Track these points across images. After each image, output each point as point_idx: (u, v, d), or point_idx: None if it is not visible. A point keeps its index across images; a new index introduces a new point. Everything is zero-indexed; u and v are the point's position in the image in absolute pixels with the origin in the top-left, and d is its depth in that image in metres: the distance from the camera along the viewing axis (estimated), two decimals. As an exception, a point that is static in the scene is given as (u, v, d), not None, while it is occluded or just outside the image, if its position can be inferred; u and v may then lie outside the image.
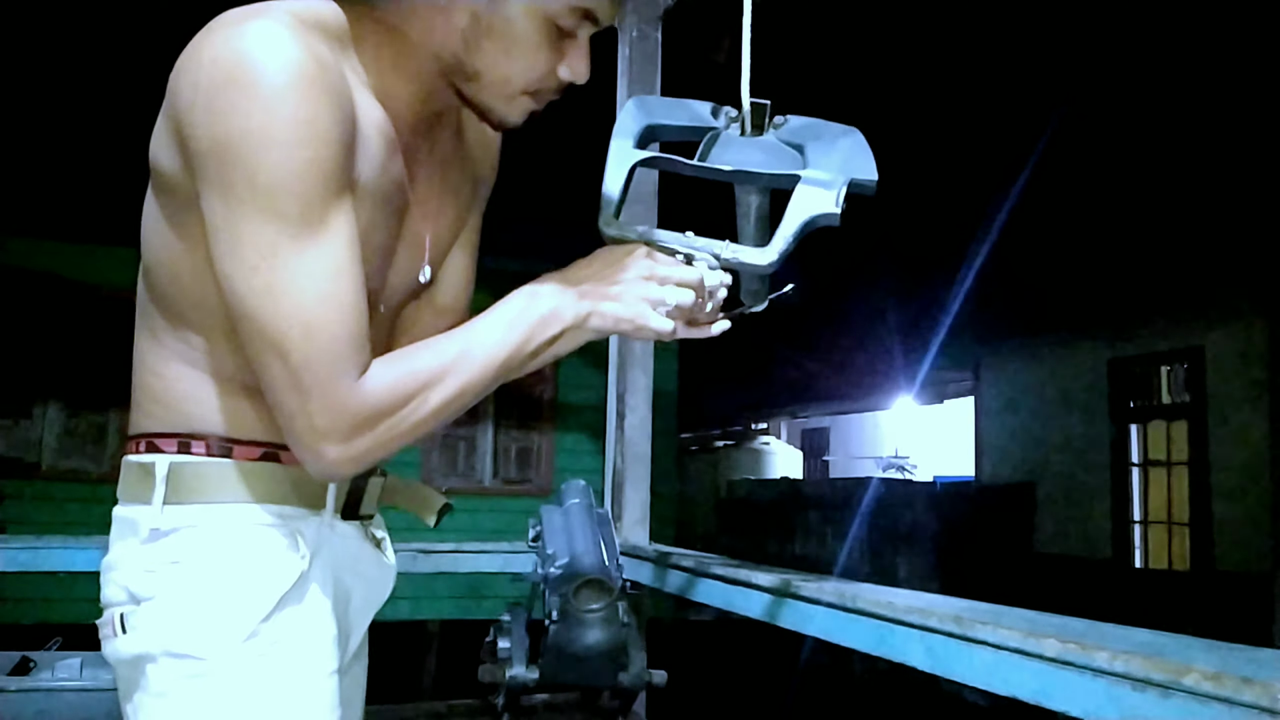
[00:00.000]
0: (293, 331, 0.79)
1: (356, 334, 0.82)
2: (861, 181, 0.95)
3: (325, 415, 0.81)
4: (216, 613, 0.87)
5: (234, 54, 0.77)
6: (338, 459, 0.83)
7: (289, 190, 0.78)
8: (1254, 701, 0.82)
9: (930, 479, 13.10)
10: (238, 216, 0.78)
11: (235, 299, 0.81)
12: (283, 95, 0.76)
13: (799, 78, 2.90)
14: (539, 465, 7.33)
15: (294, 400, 0.81)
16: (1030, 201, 5.92)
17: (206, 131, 0.78)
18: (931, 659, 1.22)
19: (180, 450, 0.90)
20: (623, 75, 2.35)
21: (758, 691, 7.21)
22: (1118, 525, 8.36)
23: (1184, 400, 7.97)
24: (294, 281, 0.79)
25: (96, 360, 5.96)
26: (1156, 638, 1.04)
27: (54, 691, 2.06)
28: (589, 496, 1.92)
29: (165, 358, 0.91)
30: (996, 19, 4.55)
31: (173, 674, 0.86)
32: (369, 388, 0.82)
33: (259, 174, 0.77)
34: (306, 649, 0.91)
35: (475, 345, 0.88)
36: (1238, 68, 4.76)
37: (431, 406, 0.85)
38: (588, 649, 1.64)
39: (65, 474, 6.29)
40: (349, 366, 0.81)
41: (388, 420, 0.83)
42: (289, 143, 0.77)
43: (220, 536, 0.89)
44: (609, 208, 0.98)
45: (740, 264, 0.95)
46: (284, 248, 0.78)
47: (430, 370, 0.86)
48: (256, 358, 0.82)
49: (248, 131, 0.76)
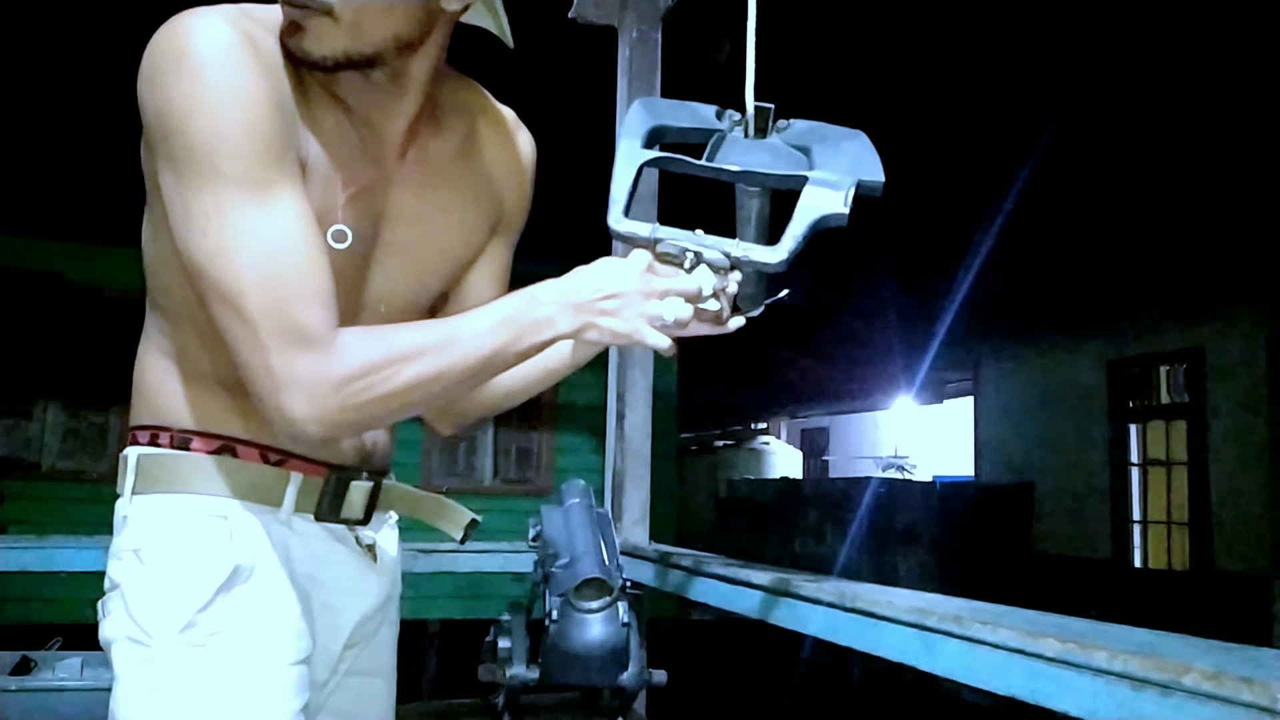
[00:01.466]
0: (246, 287, 0.81)
1: (315, 290, 0.83)
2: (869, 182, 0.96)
3: (286, 369, 0.81)
4: (159, 600, 0.89)
5: (169, 36, 0.82)
6: (302, 416, 0.82)
7: (223, 151, 0.81)
8: (1253, 701, 0.83)
9: (930, 479, 13.10)
10: (184, 184, 0.82)
11: (193, 266, 0.83)
12: (209, 64, 0.80)
13: (800, 78, 2.90)
14: (539, 465, 7.32)
15: (256, 357, 0.82)
16: (1030, 201, 5.92)
17: (150, 110, 0.83)
18: (931, 658, 1.22)
19: (150, 442, 0.94)
20: (623, 76, 2.35)
21: (758, 691, 7.21)
22: (1117, 525, 8.36)
23: (1183, 400, 7.97)
24: (243, 238, 0.81)
25: (97, 360, 5.95)
26: (1156, 637, 1.04)
27: (54, 691, 2.06)
28: (589, 496, 1.92)
29: (147, 350, 0.96)
30: (998, 19, 4.55)
31: (129, 658, 0.90)
32: (336, 346, 0.83)
33: (193, 137, 0.81)
34: (254, 640, 0.91)
35: (462, 333, 0.88)
36: (1238, 69, 4.76)
37: (404, 379, 0.85)
38: (588, 648, 1.64)
39: (66, 474, 6.28)
40: (310, 321, 0.82)
41: (355, 384, 0.83)
42: (217, 105, 0.81)
43: (169, 526, 0.92)
44: (617, 205, 0.98)
45: (750, 262, 0.95)
46: (228, 206, 0.81)
47: (408, 345, 0.86)
48: (219, 321, 0.83)
49: (177, 100, 0.81)
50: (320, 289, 0.84)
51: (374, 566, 1.05)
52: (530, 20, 1.00)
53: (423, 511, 1.11)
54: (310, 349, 0.82)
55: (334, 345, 0.83)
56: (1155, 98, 5.12)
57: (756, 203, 1.01)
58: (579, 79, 0.96)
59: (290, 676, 0.93)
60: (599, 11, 2.36)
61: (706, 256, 0.95)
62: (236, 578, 0.91)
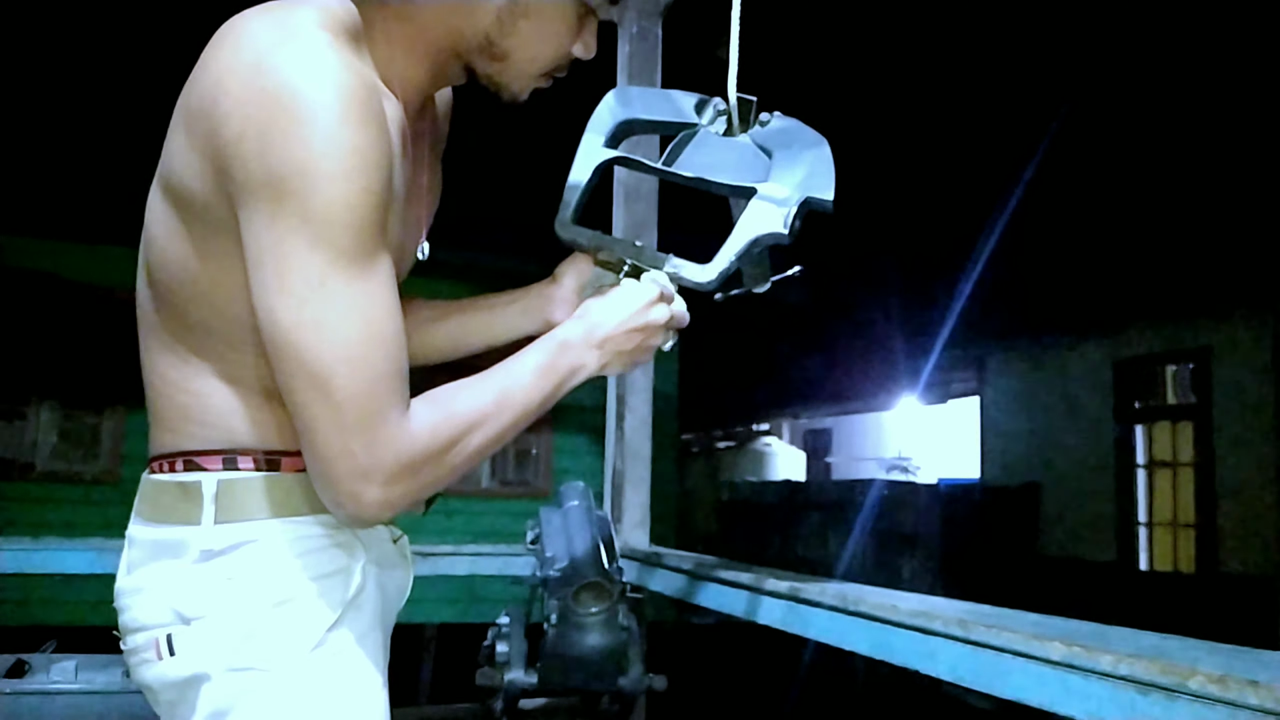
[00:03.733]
0: (339, 366, 0.77)
1: (400, 371, 0.81)
2: (817, 200, 0.95)
3: (370, 455, 0.79)
4: (282, 624, 0.86)
5: (284, 84, 0.76)
6: (376, 502, 0.80)
7: (344, 223, 0.77)
8: (1260, 705, 0.82)
9: (934, 480, 13.08)
10: (288, 248, 0.77)
11: (278, 331, 0.78)
12: (338, 127, 0.76)
13: (801, 77, 2.90)
14: (538, 466, 7.31)
15: (337, 440, 0.79)
16: (1035, 201, 5.91)
17: (259, 164, 0.76)
18: (935, 663, 1.21)
19: (226, 467, 0.88)
20: (623, 72, 2.34)
21: (759, 696, 7.19)
22: (1123, 527, 8.33)
23: (1190, 401, 7.94)
24: (343, 315, 0.78)
25: (91, 361, 5.96)
26: (1162, 641, 1.03)
27: (49, 694, 2.04)
28: (588, 498, 1.91)
29: (195, 374, 0.89)
30: (1002, 19, 4.53)
31: (233, 689, 0.85)
32: (414, 429, 0.81)
33: (315, 207, 0.76)
34: (364, 657, 0.91)
35: (513, 391, 0.89)
36: (1243, 68, 4.74)
37: (471, 450, 0.86)
38: (587, 653, 1.63)
39: (59, 475, 6.28)
40: (393, 405, 0.80)
41: (432, 464, 0.83)
42: (345, 175, 0.76)
43: (279, 549, 0.88)
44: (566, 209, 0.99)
45: (682, 280, 0.97)
46: (334, 280, 0.77)
47: (471, 414, 0.86)
48: (296, 395, 0.79)
49: (305, 162, 0.75)
50: (402, 367, 0.82)
51: (406, 562, 1.05)
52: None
53: None
54: (394, 436, 0.80)
55: (413, 428, 0.81)
56: (1161, 97, 5.11)
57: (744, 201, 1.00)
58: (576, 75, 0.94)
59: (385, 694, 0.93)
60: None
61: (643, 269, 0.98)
62: (359, 592, 0.91)
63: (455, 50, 0.91)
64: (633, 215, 2.16)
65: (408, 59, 0.90)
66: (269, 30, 0.79)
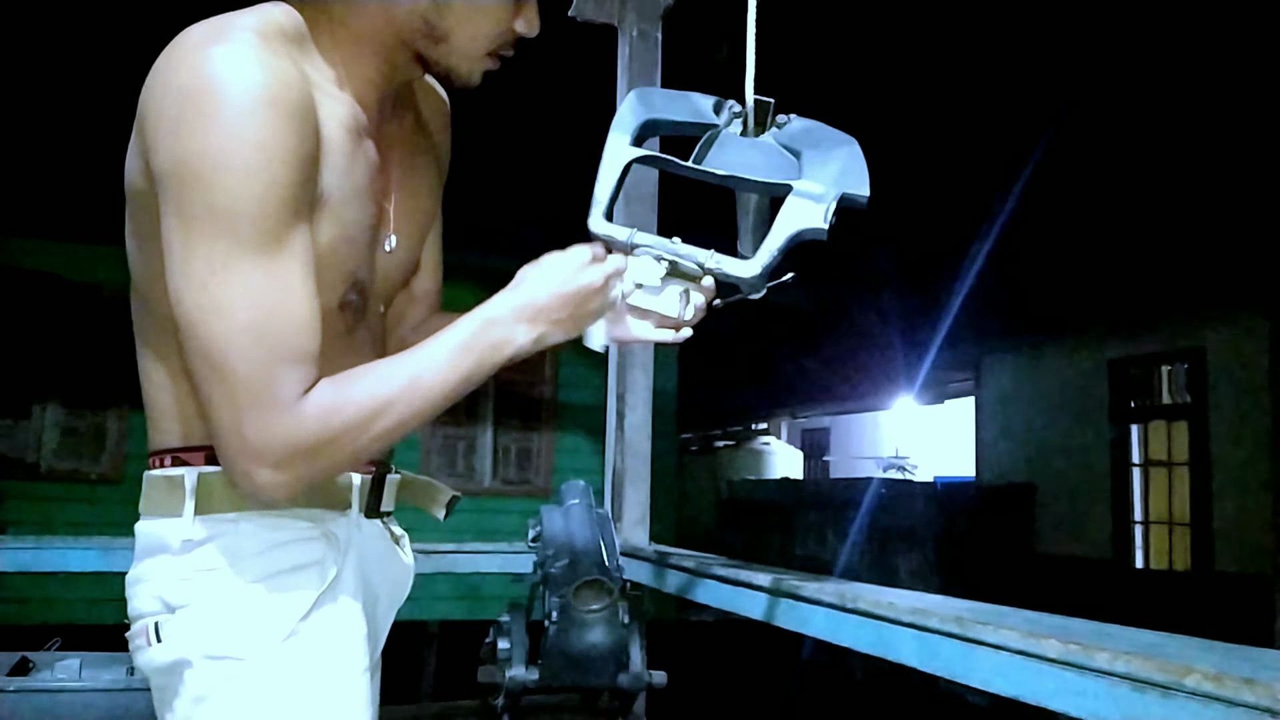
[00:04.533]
0: (233, 351, 0.79)
1: (301, 353, 0.82)
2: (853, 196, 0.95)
3: (260, 438, 0.80)
4: (255, 614, 0.88)
5: (198, 78, 0.78)
6: (268, 484, 0.82)
7: (245, 213, 0.78)
8: (1255, 702, 0.83)
9: (931, 479, 13.09)
10: (192, 235, 0.79)
11: (182, 313, 0.80)
12: (243, 119, 0.77)
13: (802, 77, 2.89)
14: (539, 465, 7.31)
15: (229, 420, 0.80)
16: (1031, 201, 5.91)
17: (168, 153, 0.79)
18: (932, 660, 1.21)
19: (208, 461, 0.90)
20: (623, 74, 2.34)
21: (758, 693, 7.20)
22: (1118, 526, 8.35)
23: (1185, 400, 7.96)
24: (240, 301, 0.79)
25: (95, 360, 5.95)
26: (1157, 638, 1.04)
27: (53, 692, 2.05)
28: (589, 497, 1.92)
29: (173, 373, 0.91)
30: (999, 19, 4.54)
31: (211, 677, 0.87)
32: (308, 414, 0.82)
33: (216, 196, 0.78)
34: (340, 647, 0.92)
35: (426, 373, 0.88)
36: (1238, 68, 4.75)
37: (373, 434, 0.85)
38: (588, 650, 1.64)
39: (64, 474, 6.28)
40: (288, 388, 0.81)
41: (328, 448, 0.83)
42: (247, 167, 0.78)
43: (254, 541, 0.90)
44: (598, 207, 0.98)
45: (724, 274, 0.96)
46: (234, 267, 0.79)
47: (377, 399, 0.85)
48: (197, 375, 0.82)
49: (205, 153, 0.77)
50: (306, 351, 0.82)
51: (405, 559, 1.06)
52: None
53: (410, 493, 1.10)
54: (285, 422, 0.81)
55: (306, 414, 0.82)
56: (1156, 98, 5.12)
57: (755, 199, 1.01)
58: (578, 78, 0.95)
59: (366, 683, 0.94)
60: (599, 9, 2.35)
61: (681, 265, 0.96)
62: (335, 585, 0.92)
63: (399, 39, 0.93)
64: (632, 217, 2.17)
65: (357, 56, 0.92)
66: (201, 32, 0.82)
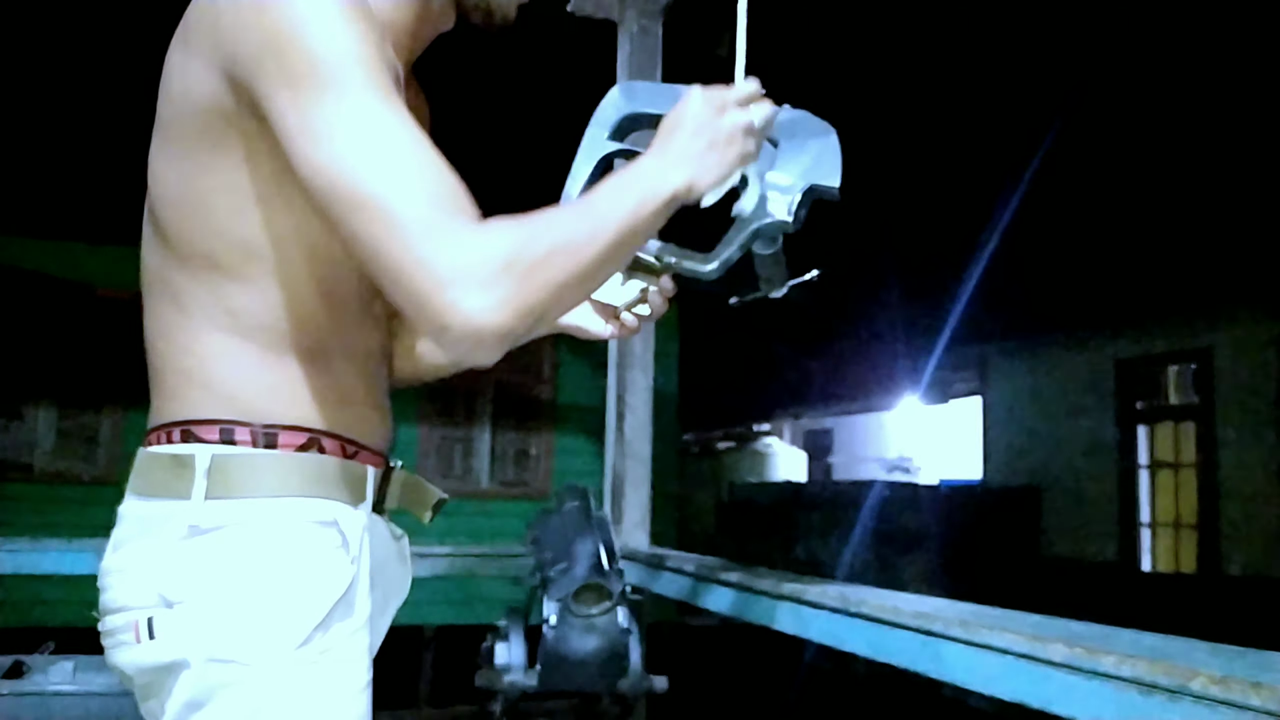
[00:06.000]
0: (387, 182, 0.75)
1: (458, 188, 0.77)
2: (822, 188, 0.94)
3: (450, 256, 0.72)
4: (268, 616, 0.82)
5: None
6: (482, 306, 0.72)
7: (349, 58, 0.77)
8: (1262, 706, 0.82)
9: (935, 481, 13.07)
10: (304, 99, 0.77)
11: (321, 178, 0.76)
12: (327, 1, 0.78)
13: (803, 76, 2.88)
14: (537, 467, 7.29)
15: (409, 253, 0.73)
16: (1037, 201, 5.90)
17: (257, 33, 0.78)
18: (936, 664, 1.20)
19: (223, 439, 0.84)
20: (623, 70, 2.34)
21: (759, 697, 7.18)
22: (1125, 528, 8.32)
23: (1192, 401, 7.93)
24: (379, 137, 0.76)
25: (89, 361, 5.95)
26: (1164, 642, 1.03)
27: (47, 696, 2.04)
28: (588, 499, 1.90)
29: (198, 329, 0.86)
30: (1003, 18, 4.53)
31: (211, 681, 0.81)
32: (499, 228, 0.76)
33: (316, 48, 0.77)
34: (348, 660, 0.86)
35: (591, 214, 0.83)
36: (1245, 67, 4.73)
37: (569, 272, 0.78)
38: (586, 654, 1.63)
39: (58, 476, 6.27)
40: (463, 211, 0.76)
41: (537, 271, 0.75)
42: (337, 17, 0.78)
43: (270, 535, 0.84)
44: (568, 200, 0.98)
45: (682, 271, 0.95)
46: (360, 110, 0.77)
47: (556, 231, 0.79)
48: (360, 233, 0.75)
49: (292, 14, 0.77)
50: (461, 190, 0.78)
51: (406, 562, 1.03)
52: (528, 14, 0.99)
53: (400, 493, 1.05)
54: (475, 232, 0.74)
55: (497, 227, 0.75)
56: (1163, 97, 5.10)
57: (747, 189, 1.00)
58: (578, 72, 0.94)
59: (367, 699, 0.89)
60: (599, 5, 2.34)
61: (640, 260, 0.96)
62: (351, 589, 0.86)
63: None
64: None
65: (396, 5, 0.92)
66: None
